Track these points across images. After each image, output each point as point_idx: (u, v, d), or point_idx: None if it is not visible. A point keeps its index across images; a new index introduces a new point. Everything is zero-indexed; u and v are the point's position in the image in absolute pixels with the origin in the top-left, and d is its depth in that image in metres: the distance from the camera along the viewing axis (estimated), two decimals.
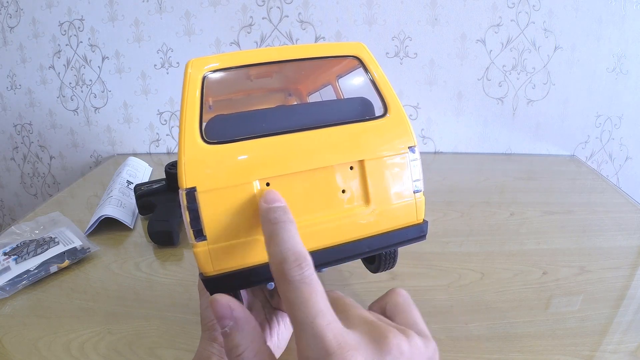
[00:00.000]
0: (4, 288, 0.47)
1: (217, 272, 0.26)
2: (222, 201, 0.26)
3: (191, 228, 0.25)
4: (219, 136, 0.27)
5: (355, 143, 0.28)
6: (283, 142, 0.27)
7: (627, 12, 0.83)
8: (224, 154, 0.26)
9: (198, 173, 0.25)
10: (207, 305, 0.32)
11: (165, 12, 0.87)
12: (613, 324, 0.41)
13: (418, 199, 0.30)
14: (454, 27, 0.85)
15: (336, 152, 0.28)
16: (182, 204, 0.25)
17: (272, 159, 0.27)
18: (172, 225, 0.57)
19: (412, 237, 0.30)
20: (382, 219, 0.29)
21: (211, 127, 0.27)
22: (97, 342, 0.40)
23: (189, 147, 0.26)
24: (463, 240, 0.57)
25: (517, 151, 0.95)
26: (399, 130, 0.30)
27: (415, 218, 0.30)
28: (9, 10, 0.90)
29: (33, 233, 0.58)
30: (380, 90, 0.31)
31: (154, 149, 1.00)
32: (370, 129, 0.29)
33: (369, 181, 0.29)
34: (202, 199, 0.25)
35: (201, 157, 0.26)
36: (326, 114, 0.29)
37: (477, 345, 0.38)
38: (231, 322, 0.21)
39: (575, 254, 0.54)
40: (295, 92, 0.42)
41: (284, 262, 0.20)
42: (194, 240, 0.26)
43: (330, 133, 0.28)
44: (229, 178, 0.26)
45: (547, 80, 0.89)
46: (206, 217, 0.25)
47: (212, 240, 0.26)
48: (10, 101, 0.98)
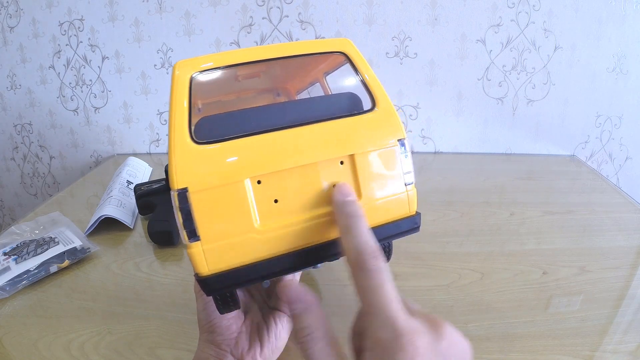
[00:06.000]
0: (4, 288, 0.47)
1: (213, 272, 0.26)
2: (215, 200, 0.25)
3: (184, 229, 0.25)
4: (208, 136, 0.26)
5: (344, 138, 0.28)
6: (272, 140, 0.27)
7: (627, 12, 0.83)
8: (214, 153, 0.26)
9: (189, 173, 0.25)
10: (203, 307, 0.32)
11: (165, 12, 0.87)
12: (613, 324, 0.41)
13: (410, 191, 0.30)
14: (454, 27, 0.85)
15: (326, 147, 0.28)
16: (175, 205, 0.25)
17: (263, 157, 0.27)
18: (172, 225, 0.57)
19: (406, 229, 0.30)
20: (375, 212, 0.29)
21: (200, 128, 0.27)
22: (97, 342, 0.40)
23: (179, 148, 0.26)
24: (463, 240, 0.57)
25: (517, 151, 0.95)
26: (388, 124, 0.30)
27: (408, 210, 0.30)
28: (9, 10, 0.90)
29: (33, 233, 0.58)
30: (368, 85, 0.31)
31: (154, 149, 1.00)
32: (360, 123, 0.29)
33: (360, 175, 0.29)
34: (195, 199, 0.25)
35: (192, 157, 0.26)
36: (315, 110, 0.29)
37: (477, 345, 0.38)
38: (302, 305, 0.22)
39: (575, 254, 0.53)
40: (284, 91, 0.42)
41: (362, 253, 0.22)
42: (187, 241, 0.25)
43: (320, 129, 0.28)
44: (220, 177, 0.26)
45: (547, 80, 0.89)
46: (199, 217, 0.25)
47: (206, 240, 0.25)
48: (10, 101, 0.98)
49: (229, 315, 0.32)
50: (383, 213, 0.30)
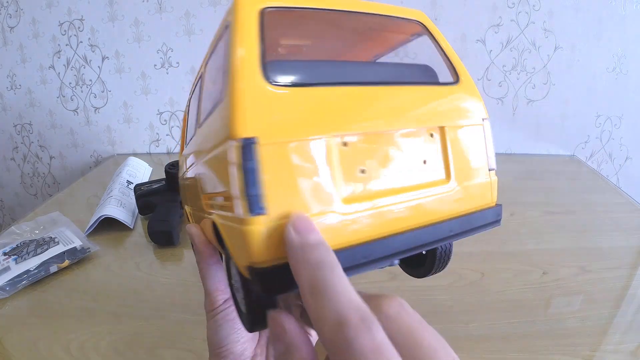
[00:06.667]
0: (4, 288, 0.47)
1: (274, 262, 0.19)
2: (291, 160, 0.19)
3: (245, 196, 0.18)
4: (285, 78, 0.21)
5: (435, 106, 0.25)
6: (363, 94, 0.22)
7: (627, 12, 0.83)
8: (293, 99, 0.20)
9: (260, 119, 0.19)
10: (216, 330, 0.27)
11: (165, 12, 0.87)
12: (613, 324, 0.41)
13: (493, 178, 0.27)
14: (454, 27, 0.85)
15: (419, 112, 0.24)
16: (234, 162, 0.18)
17: (354, 112, 0.21)
18: (172, 225, 0.57)
19: (491, 221, 0.26)
20: (462, 199, 0.25)
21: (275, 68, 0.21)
22: (97, 342, 0.40)
23: (248, 85, 0.19)
24: (463, 240, 0.57)
25: (517, 151, 0.95)
26: (472, 100, 0.27)
27: (491, 199, 0.27)
28: (9, 10, 0.90)
29: (33, 233, 0.58)
30: (449, 57, 0.28)
31: (154, 149, 1.00)
32: (446, 94, 0.26)
33: (450, 152, 0.24)
34: (266, 155, 0.18)
35: (264, 99, 0.19)
36: (400, 73, 0.26)
37: (477, 345, 0.38)
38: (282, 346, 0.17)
39: (575, 254, 0.53)
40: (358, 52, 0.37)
41: (344, 324, 0.15)
42: (247, 213, 0.18)
43: (410, 92, 0.24)
44: (299, 130, 0.20)
45: (547, 80, 0.89)
46: (269, 180, 0.18)
47: (275, 214, 0.18)
48: (10, 101, 0.98)
49: (244, 339, 0.27)
50: (469, 200, 0.25)
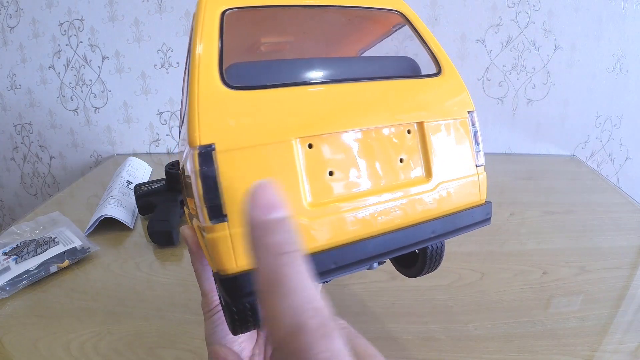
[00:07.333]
0: (4, 288, 0.47)
1: (243, 269, 0.18)
2: (250, 166, 0.18)
3: (205, 204, 0.18)
4: (245, 81, 0.20)
5: (412, 101, 0.23)
6: (330, 93, 0.21)
7: (627, 12, 0.83)
8: (253, 101, 0.19)
9: (218, 125, 0.18)
10: (213, 330, 0.26)
11: (165, 12, 0.87)
12: (613, 324, 0.41)
13: (481, 175, 0.26)
14: (454, 27, 0.85)
15: (393, 109, 0.22)
16: (193, 169, 0.18)
17: (317, 113, 0.20)
18: (172, 225, 0.57)
19: (479, 220, 0.25)
20: (445, 197, 0.24)
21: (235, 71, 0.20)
22: (97, 342, 0.40)
23: (205, 90, 0.18)
24: (463, 240, 0.57)
25: (517, 151, 0.95)
26: (456, 92, 0.25)
27: (479, 197, 0.25)
28: (9, 10, 0.90)
29: (33, 233, 0.58)
30: (431, 48, 0.27)
31: (154, 149, 1.00)
32: (426, 87, 0.24)
33: (430, 149, 0.23)
34: (223, 162, 0.18)
35: (221, 104, 0.19)
36: (374, 69, 0.24)
37: (477, 345, 0.38)
38: None
39: (575, 254, 0.53)
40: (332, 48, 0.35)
41: (301, 330, 0.12)
42: (208, 222, 0.18)
43: (384, 87, 0.23)
44: (260, 134, 0.19)
45: (547, 80, 0.89)
46: (228, 188, 0.18)
47: (236, 221, 0.18)
48: (10, 101, 0.98)
49: (241, 339, 0.26)
50: (454, 199, 0.24)
